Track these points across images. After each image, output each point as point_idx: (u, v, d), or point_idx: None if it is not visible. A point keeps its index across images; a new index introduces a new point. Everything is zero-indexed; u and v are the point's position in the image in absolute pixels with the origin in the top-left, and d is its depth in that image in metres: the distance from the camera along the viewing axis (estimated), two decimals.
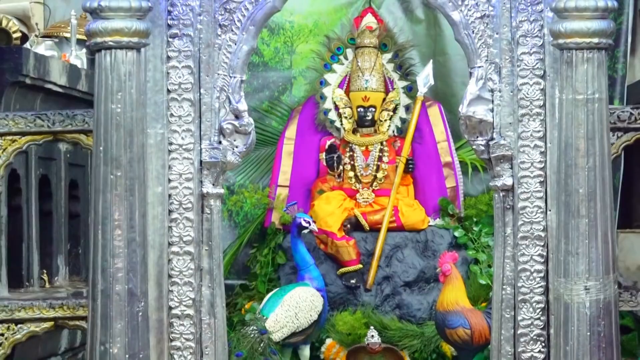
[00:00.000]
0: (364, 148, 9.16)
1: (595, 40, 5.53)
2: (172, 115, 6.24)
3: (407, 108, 9.24)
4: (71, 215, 7.98)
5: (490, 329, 6.65)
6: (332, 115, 9.23)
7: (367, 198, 9.10)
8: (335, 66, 9.35)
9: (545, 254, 6.11)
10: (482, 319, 7.52)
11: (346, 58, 9.31)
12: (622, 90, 9.43)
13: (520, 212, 6.16)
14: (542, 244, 6.12)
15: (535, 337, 6.15)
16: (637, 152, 7.83)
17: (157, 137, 6.17)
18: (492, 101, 6.22)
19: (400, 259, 8.87)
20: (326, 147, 9.23)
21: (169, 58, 6.24)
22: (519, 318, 6.18)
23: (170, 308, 6.25)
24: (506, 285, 6.21)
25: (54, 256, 7.68)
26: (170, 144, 6.24)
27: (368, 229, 8.97)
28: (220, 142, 6.31)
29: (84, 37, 7.09)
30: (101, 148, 5.64)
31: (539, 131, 6.14)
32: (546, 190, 6.09)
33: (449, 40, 9.24)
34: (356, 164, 9.15)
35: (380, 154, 9.15)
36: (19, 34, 7.59)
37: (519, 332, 6.18)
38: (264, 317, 7.66)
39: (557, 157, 5.80)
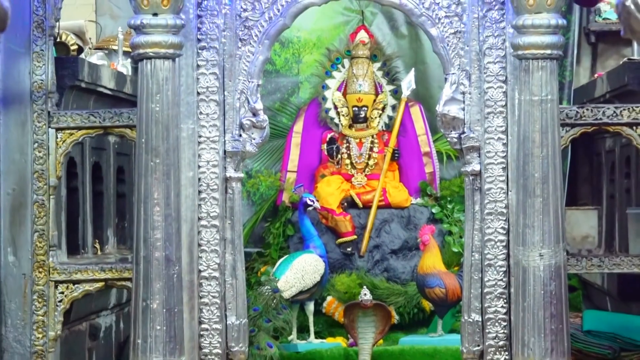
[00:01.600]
0: (358, 140, 9.16)
1: (548, 51, 5.53)
2: (201, 113, 6.24)
3: (393, 107, 9.24)
4: (118, 195, 7.98)
5: (461, 288, 6.65)
6: (332, 113, 9.24)
7: (361, 181, 9.11)
8: (334, 73, 9.35)
9: (506, 226, 6.10)
10: (455, 280, 7.53)
11: (343, 66, 9.31)
12: (570, 93, 9.43)
13: (486, 192, 6.15)
14: (504, 218, 6.11)
15: (498, 294, 6.15)
16: (581, 144, 7.81)
17: (189, 131, 6.16)
18: (464, 101, 6.21)
19: (387, 231, 8.88)
20: (327, 139, 9.24)
21: (198, 66, 6.23)
22: (485, 279, 6.17)
23: (199, 271, 6.25)
24: (475, 252, 6.20)
25: (104, 229, 7.69)
26: (200, 136, 6.24)
27: (361, 206, 8.98)
28: (240, 135, 6.31)
29: (128, 49, 7.08)
30: (143, 140, 5.64)
31: (501, 126, 6.13)
32: (507, 174, 6.08)
33: (427, 52, 9.22)
34: (352, 153, 9.16)
35: (371, 145, 9.16)
36: (75, 47, 7.59)
37: (485, 290, 6.17)
38: (276, 279, 7.66)
39: (516, 148, 5.80)
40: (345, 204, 9.00)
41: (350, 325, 7.47)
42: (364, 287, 7.80)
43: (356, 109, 9.14)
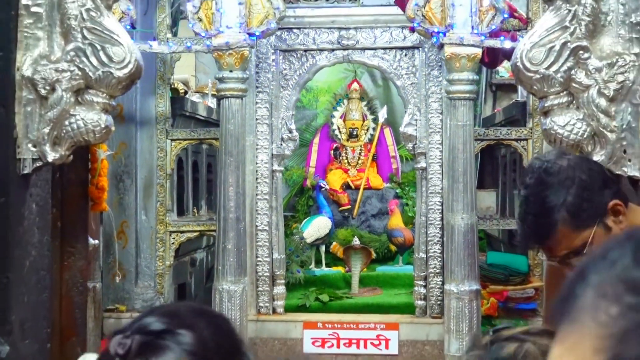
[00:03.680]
0: (352, 148, 9.16)
1: (467, 95, 5.51)
2: (258, 131, 6.25)
3: (374, 129, 9.23)
4: (208, 180, 7.98)
5: (414, 238, 6.65)
6: (337, 132, 9.24)
7: (354, 173, 9.11)
8: (338, 108, 9.33)
9: (441, 200, 6.10)
10: (410, 233, 7.50)
11: (343, 104, 9.29)
12: (480, 120, 9.39)
13: (429, 180, 6.15)
14: (440, 195, 6.11)
15: (436, 241, 6.15)
16: (487, 151, 7.78)
17: (250, 142, 6.18)
18: (416, 125, 6.20)
19: (370, 203, 8.87)
20: (333, 147, 9.24)
21: (256, 102, 6.25)
22: (429, 232, 6.17)
23: (256, 226, 6.26)
24: (422, 216, 6.20)
25: (199, 199, 7.70)
26: (257, 145, 6.25)
27: (354, 188, 8.98)
28: (281, 144, 6.32)
29: (214, 92, 7.09)
30: (223, 147, 5.64)
31: (439, 140, 6.13)
32: (442, 169, 6.08)
33: (394, 95, 9.19)
34: (348, 156, 9.16)
35: (360, 151, 9.15)
36: (183, 90, 7.60)
37: (428, 239, 6.18)
38: (302, 231, 7.66)
39: (447, 153, 5.79)
40: (344, 186, 9.01)
41: (347, 259, 7.47)
42: (355, 236, 7.81)
43: (351, 129, 9.14)
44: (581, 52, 2.78)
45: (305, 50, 6.36)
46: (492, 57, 6.05)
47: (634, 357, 0.56)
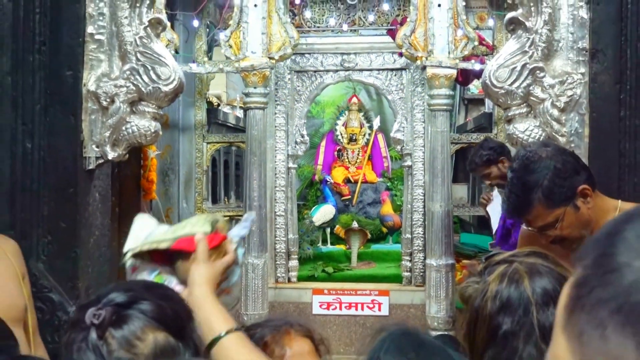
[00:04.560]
0: (352, 150, 9.13)
1: (445, 107, 5.43)
2: (276, 136, 6.22)
3: (369, 134, 9.20)
4: (236, 175, 7.97)
5: (401, 222, 6.62)
6: (340, 137, 9.20)
7: (353, 169, 9.08)
8: (341, 118, 9.30)
9: (424, 192, 6.07)
10: (398, 218, 7.46)
11: (345, 114, 9.26)
12: (454, 127, 9.33)
13: (414, 175, 6.12)
14: (423, 188, 6.08)
15: (419, 225, 6.12)
16: (460, 152, 7.73)
17: (271, 144, 6.15)
18: (403, 131, 6.17)
19: (366, 194, 8.84)
20: (337, 149, 9.21)
21: (275, 113, 6.22)
22: (413, 217, 6.15)
23: (275, 212, 6.24)
24: (408, 204, 6.17)
25: (229, 190, 7.68)
26: (275, 147, 6.22)
27: (353, 182, 8.95)
28: (295, 146, 6.30)
29: (242, 105, 7.07)
30: (248, 148, 5.61)
31: (422, 144, 6.10)
32: (424, 167, 6.05)
33: (386, 107, 9.15)
34: (349, 156, 9.13)
35: (358, 152, 9.13)
36: (216, 103, 7.58)
37: (413, 223, 6.15)
38: (312, 216, 7.65)
39: (429, 154, 5.75)
40: (345, 180, 8.98)
41: (347, 239, 7.46)
42: (354, 221, 7.79)
43: (351, 135, 9.10)
44: (538, 71, 2.76)
45: (315, 71, 6.34)
46: (464, 77, 6.01)
47: (580, 297, 0.63)
